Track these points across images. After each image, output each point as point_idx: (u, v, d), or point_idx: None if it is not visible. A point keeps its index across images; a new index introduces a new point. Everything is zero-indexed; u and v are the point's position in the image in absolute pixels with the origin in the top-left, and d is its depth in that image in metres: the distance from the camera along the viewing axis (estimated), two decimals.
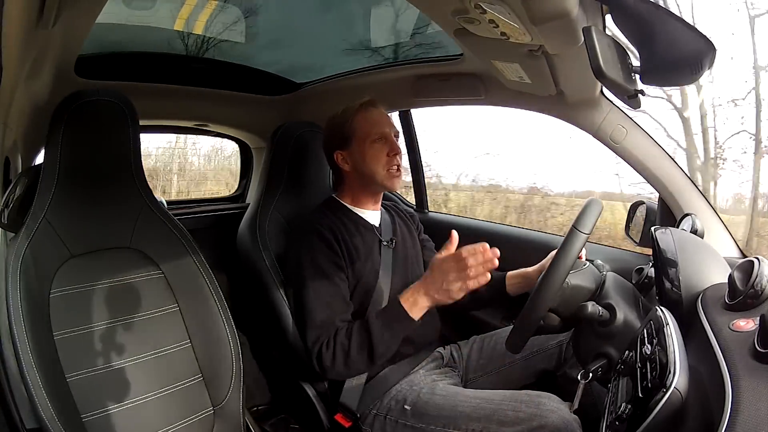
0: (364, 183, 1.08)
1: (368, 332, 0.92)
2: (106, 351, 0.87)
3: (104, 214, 0.94)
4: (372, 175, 1.05)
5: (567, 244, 0.79)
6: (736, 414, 0.41)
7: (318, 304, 0.97)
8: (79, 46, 0.90)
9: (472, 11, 0.68)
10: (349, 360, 0.93)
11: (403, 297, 0.93)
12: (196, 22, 1.28)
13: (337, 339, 0.94)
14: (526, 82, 1.00)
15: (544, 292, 0.79)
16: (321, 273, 0.99)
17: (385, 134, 1.05)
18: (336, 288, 0.99)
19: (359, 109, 1.07)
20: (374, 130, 1.05)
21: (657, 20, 0.56)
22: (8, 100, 0.81)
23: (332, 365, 0.93)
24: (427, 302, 0.92)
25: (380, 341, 0.92)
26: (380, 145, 1.04)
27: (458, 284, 0.88)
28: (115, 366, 0.87)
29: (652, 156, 1.07)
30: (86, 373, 0.84)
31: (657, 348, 0.57)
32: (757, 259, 0.59)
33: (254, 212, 1.18)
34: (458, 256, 0.87)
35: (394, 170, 1.05)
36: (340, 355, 0.93)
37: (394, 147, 1.05)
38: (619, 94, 0.67)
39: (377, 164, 1.04)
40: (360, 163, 1.06)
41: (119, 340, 0.89)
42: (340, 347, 0.93)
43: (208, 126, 1.62)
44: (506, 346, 0.85)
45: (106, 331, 0.88)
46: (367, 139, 1.04)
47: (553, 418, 0.81)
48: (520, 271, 1.12)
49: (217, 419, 0.95)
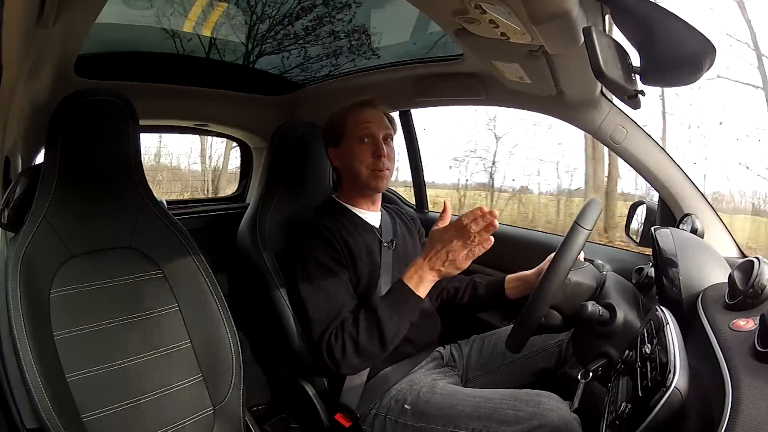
0: (351, 181, 1.09)
1: (376, 316, 0.90)
2: (106, 351, 0.87)
3: (104, 213, 0.94)
4: (357, 175, 1.06)
5: (569, 239, 0.79)
6: (736, 413, 0.41)
7: (321, 298, 0.96)
8: (79, 46, 0.90)
9: (472, 11, 0.68)
10: (359, 348, 0.91)
11: (407, 276, 0.91)
12: (197, 22, 1.28)
13: (344, 329, 0.92)
14: (526, 82, 1.00)
15: (546, 288, 0.79)
16: (323, 268, 0.98)
17: (372, 135, 1.05)
18: (339, 281, 0.98)
19: (352, 108, 1.07)
20: (362, 130, 1.05)
21: (657, 20, 0.56)
22: (8, 100, 0.81)
23: (343, 356, 0.91)
24: (433, 276, 0.89)
25: (389, 323, 0.90)
26: (366, 146, 1.04)
27: (464, 252, 0.85)
28: (115, 366, 0.87)
29: (652, 156, 1.07)
30: (86, 373, 0.83)
31: (657, 347, 0.57)
32: (757, 259, 0.59)
33: (254, 212, 1.18)
34: (459, 224, 0.85)
35: (378, 171, 1.04)
36: (350, 344, 0.91)
37: (378, 148, 1.04)
38: (619, 95, 0.67)
39: (361, 164, 1.04)
40: (348, 161, 1.07)
41: (119, 340, 0.88)
42: (348, 337, 0.91)
43: (208, 126, 1.62)
44: (506, 346, 0.85)
45: (106, 331, 0.88)
46: (354, 139, 1.05)
47: (553, 417, 0.81)
48: (519, 274, 1.12)
49: (217, 419, 0.95)
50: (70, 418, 0.79)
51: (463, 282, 1.20)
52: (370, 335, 0.91)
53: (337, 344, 0.92)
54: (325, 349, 0.93)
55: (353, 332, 0.91)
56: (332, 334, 0.93)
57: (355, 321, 0.92)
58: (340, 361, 0.92)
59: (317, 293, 0.97)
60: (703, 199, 1.06)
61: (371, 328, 0.91)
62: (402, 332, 0.94)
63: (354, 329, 0.92)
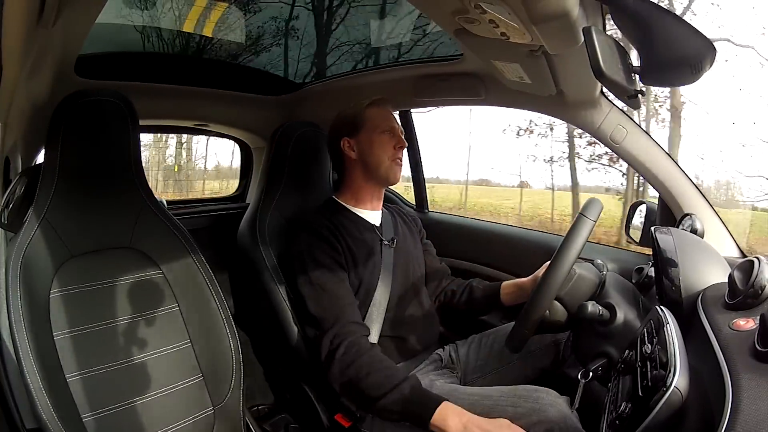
0: (367, 172, 1.10)
1: (389, 387, 0.85)
2: (106, 351, 0.87)
3: (104, 213, 0.94)
4: (377, 164, 1.08)
5: (574, 230, 0.79)
6: (736, 413, 0.41)
7: (323, 297, 0.96)
8: (79, 46, 0.90)
9: (472, 11, 0.68)
10: (352, 386, 0.89)
11: (450, 406, 0.83)
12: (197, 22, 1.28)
13: (358, 359, 0.89)
14: (526, 82, 1.00)
15: (553, 276, 0.79)
16: (324, 268, 0.98)
17: (393, 128, 1.10)
18: (340, 281, 0.98)
19: (373, 103, 1.11)
20: (385, 122, 1.10)
21: (657, 20, 0.56)
22: (8, 100, 0.81)
23: (339, 376, 0.90)
24: (457, 427, 0.80)
25: (388, 402, 0.86)
26: (388, 137, 1.09)
27: None
28: (115, 366, 0.87)
29: (652, 156, 1.07)
30: (86, 373, 0.84)
31: (657, 347, 0.57)
32: (757, 259, 0.59)
33: (254, 212, 1.18)
34: None
35: (397, 161, 1.09)
36: (353, 375, 0.89)
37: (400, 141, 1.10)
38: (619, 94, 0.67)
39: (384, 153, 1.08)
40: (367, 151, 1.09)
41: (119, 340, 0.88)
42: (355, 370, 0.89)
43: (208, 126, 1.62)
44: (507, 344, 0.85)
45: (106, 331, 0.88)
46: (377, 129, 1.09)
47: (551, 413, 0.81)
48: (515, 281, 1.13)
49: (217, 419, 0.95)
50: (70, 418, 0.79)
51: (461, 285, 1.21)
52: (369, 388, 0.87)
53: (341, 363, 0.90)
54: (325, 350, 0.92)
55: (362, 373, 0.88)
56: (340, 350, 0.90)
57: (371, 364, 0.89)
58: (332, 375, 0.91)
59: (319, 292, 0.97)
60: (703, 199, 1.06)
61: (376, 387, 0.87)
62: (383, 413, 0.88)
63: (364, 373, 0.88)
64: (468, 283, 1.21)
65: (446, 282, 1.23)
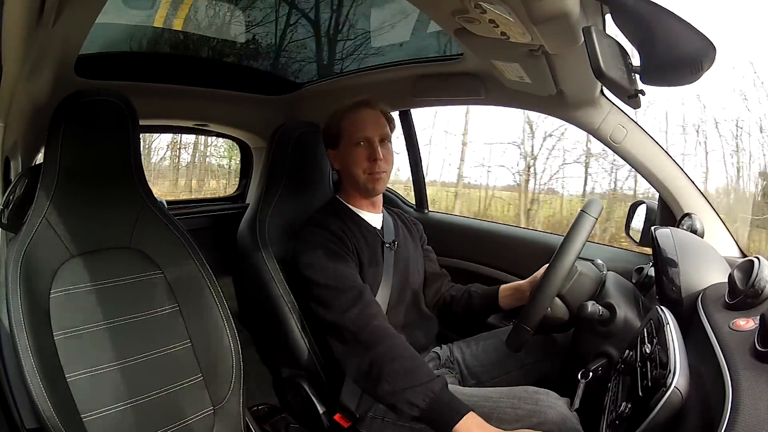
0: (350, 183, 1.09)
1: (418, 381, 0.81)
2: (106, 351, 0.87)
3: (104, 214, 0.94)
4: (355, 178, 1.05)
5: (576, 226, 0.80)
6: (736, 413, 0.41)
7: (345, 281, 0.94)
8: (79, 46, 0.90)
9: (472, 11, 0.68)
10: (375, 369, 0.85)
11: (475, 417, 0.78)
12: (197, 22, 1.28)
13: (386, 340, 0.87)
14: (526, 82, 1.00)
15: (556, 270, 0.79)
16: (338, 258, 0.97)
17: (368, 138, 1.03)
18: (356, 273, 0.97)
19: (348, 110, 1.06)
20: (358, 133, 1.03)
21: (657, 20, 0.56)
22: (8, 100, 0.81)
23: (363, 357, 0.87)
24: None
25: (413, 395, 0.81)
26: (362, 149, 1.03)
27: None
28: (115, 366, 0.87)
29: (652, 156, 1.07)
30: (86, 373, 0.83)
31: (657, 347, 0.57)
32: (757, 259, 0.59)
33: (254, 212, 1.18)
34: None
35: (374, 175, 1.04)
36: (377, 357, 0.85)
37: (374, 152, 1.02)
38: (619, 94, 0.67)
39: (357, 168, 1.04)
40: (345, 163, 1.06)
41: (119, 340, 0.88)
42: (381, 353, 0.85)
43: (208, 126, 1.62)
44: (507, 343, 0.85)
45: (106, 331, 0.88)
46: (351, 142, 1.04)
47: (551, 414, 0.80)
48: (513, 284, 1.13)
49: (217, 419, 0.95)
50: (70, 418, 0.78)
51: (460, 291, 1.20)
52: (399, 372, 0.83)
53: (369, 337, 0.86)
54: (349, 331, 0.88)
55: (394, 351, 0.85)
56: (364, 321, 0.88)
57: (404, 348, 0.87)
58: (357, 350, 0.87)
59: (338, 276, 0.94)
60: (703, 199, 1.06)
61: (409, 372, 0.83)
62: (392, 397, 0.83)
63: (396, 353, 0.85)
64: (467, 288, 1.20)
65: (446, 287, 1.22)
